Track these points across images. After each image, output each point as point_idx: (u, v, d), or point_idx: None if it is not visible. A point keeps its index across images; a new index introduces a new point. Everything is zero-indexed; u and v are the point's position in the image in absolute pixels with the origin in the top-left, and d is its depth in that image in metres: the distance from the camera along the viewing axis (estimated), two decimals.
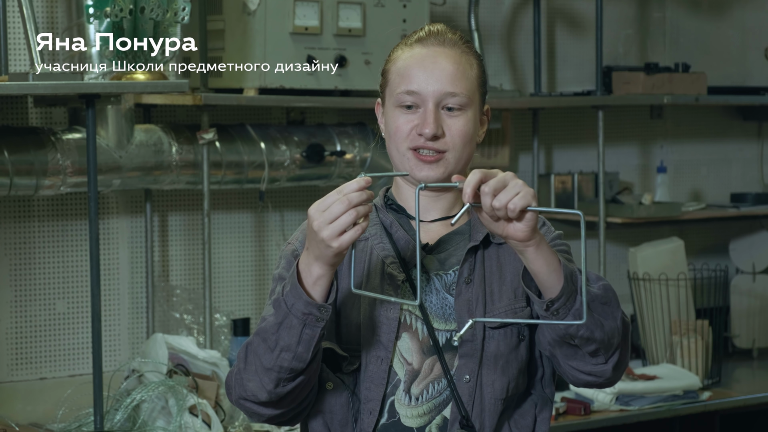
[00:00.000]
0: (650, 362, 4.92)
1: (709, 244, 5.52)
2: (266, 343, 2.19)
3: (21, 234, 4.14)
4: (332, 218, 2.10)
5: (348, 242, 2.10)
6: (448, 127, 2.30)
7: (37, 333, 4.17)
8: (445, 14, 4.74)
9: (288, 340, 2.17)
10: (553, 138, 5.19)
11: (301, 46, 4.15)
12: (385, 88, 2.37)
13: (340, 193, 2.11)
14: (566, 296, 2.16)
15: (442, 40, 2.33)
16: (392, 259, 2.31)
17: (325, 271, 2.15)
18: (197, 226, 4.40)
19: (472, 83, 2.32)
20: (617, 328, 2.22)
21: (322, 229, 2.10)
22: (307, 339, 2.17)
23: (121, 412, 3.79)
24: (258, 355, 2.21)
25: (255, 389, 2.23)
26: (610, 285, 2.24)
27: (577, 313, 2.16)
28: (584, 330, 2.19)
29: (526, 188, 2.10)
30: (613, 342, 2.23)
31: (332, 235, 2.10)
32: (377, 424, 2.28)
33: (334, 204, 2.10)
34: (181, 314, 4.30)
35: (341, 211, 2.10)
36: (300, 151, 4.32)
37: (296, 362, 2.19)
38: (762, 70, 5.62)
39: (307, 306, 2.15)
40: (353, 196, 2.10)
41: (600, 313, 2.20)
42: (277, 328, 2.18)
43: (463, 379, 2.27)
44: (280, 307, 2.18)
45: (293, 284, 2.16)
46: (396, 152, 2.32)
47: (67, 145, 3.91)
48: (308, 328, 2.17)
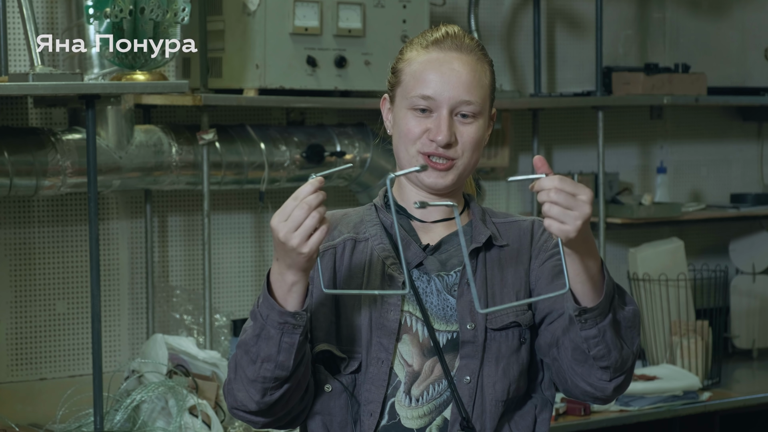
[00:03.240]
0: (650, 363, 4.92)
1: (709, 244, 5.52)
2: (248, 355, 2.20)
3: (21, 234, 4.14)
4: (296, 225, 2.10)
5: (317, 244, 2.11)
6: (461, 134, 2.30)
7: (37, 333, 4.17)
8: (445, 15, 4.74)
9: (268, 351, 2.18)
10: (553, 138, 5.19)
11: (301, 46, 4.15)
12: (396, 87, 2.35)
13: (297, 200, 2.11)
14: (600, 311, 2.15)
15: (459, 45, 2.32)
16: (393, 260, 2.30)
17: (299, 277, 2.15)
18: (197, 227, 4.40)
19: (485, 91, 2.32)
20: (632, 354, 2.23)
21: (289, 238, 2.10)
22: (287, 347, 2.18)
23: (121, 412, 3.79)
24: (242, 367, 2.22)
25: (244, 400, 2.24)
26: (638, 311, 2.25)
27: (601, 330, 2.17)
28: (602, 347, 2.19)
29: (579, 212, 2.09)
30: (625, 366, 2.23)
31: (300, 241, 2.10)
32: (378, 425, 2.28)
33: (295, 210, 2.10)
34: (181, 315, 4.30)
35: (303, 216, 2.10)
36: (300, 152, 4.33)
37: (279, 371, 2.19)
38: (762, 71, 5.62)
39: (282, 315, 2.16)
40: (311, 199, 2.10)
41: (623, 336, 2.21)
42: (256, 340, 2.19)
43: (463, 380, 2.27)
44: (257, 318, 2.19)
45: (265, 295, 2.18)
46: (404, 152, 2.32)
47: (67, 146, 3.91)
48: (287, 336, 2.17)
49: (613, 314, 2.18)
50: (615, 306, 2.17)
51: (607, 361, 2.21)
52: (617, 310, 2.19)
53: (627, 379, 2.27)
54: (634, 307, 2.23)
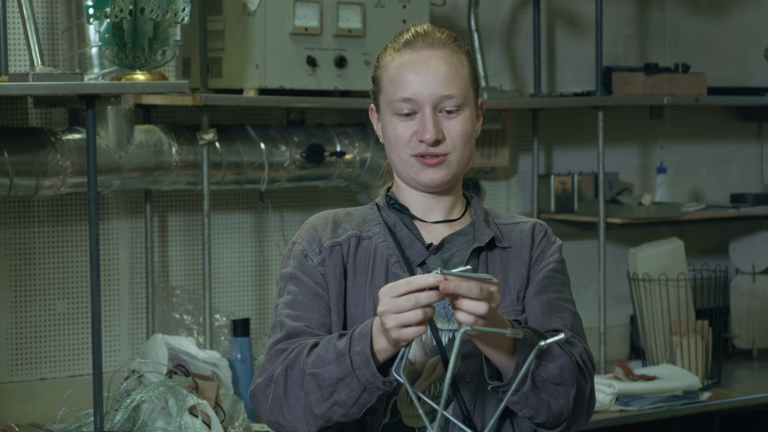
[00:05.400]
0: (650, 363, 4.92)
1: (709, 244, 5.52)
2: (321, 390, 2.16)
3: (21, 234, 4.13)
4: (398, 310, 2.05)
5: (409, 338, 2.06)
6: (448, 130, 2.30)
7: (37, 333, 4.17)
8: (444, 15, 4.74)
9: (344, 398, 2.15)
10: (553, 138, 5.19)
11: (301, 46, 4.15)
12: (378, 95, 2.36)
13: (411, 286, 2.04)
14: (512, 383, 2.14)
15: (431, 42, 2.32)
16: (396, 258, 2.31)
17: (389, 346, 2.12)
18: (197, 227, 4.40)
19: (465, 82, 2.32)
20: (567, 405, 2.22)
21: (386, 315, 2.06)
22: (364, 402, 2.16)
23: (121, 412, 3.79)
24: (308, 396, 2.17)
25: (296, 422, 2.20)
26: (569, 363, 2.21)
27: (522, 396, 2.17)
28: (528, 409, 2.19)
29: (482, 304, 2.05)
30: (560, 419, 2.23)
31: (396, 325, 2.05)
32: (380, 424, 2.28)
33: (403, 298, 2.04)
34: (181, 315, 4.30)
35: (407, 307, 2.04)
36: (300, 152, 4.32)
37: (345, 418, 2.18)
38: (762, 71, 5.62)
39: (374, 377, 2.12)
40: (423, 297, 2.04)
41: (550, 394, 2.20)
42: (335, 382, 2.15)
43: (465, 379, 2.27)
44: (344, 363, 2.14)
45: (363, 349, 2.13)
46: (398, 159, 2.33)
47: (67, 146, 3.91)
48: (367, 394, 2.15)
49: (532, 380, 2.16)
50: (532, 372, 2.16)
51: (537, 419, 2.22)
52: (537, 373, 2.17)
53: (574, 422, 2.26)
54: (561, 362, 2.19)
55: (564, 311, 2.32)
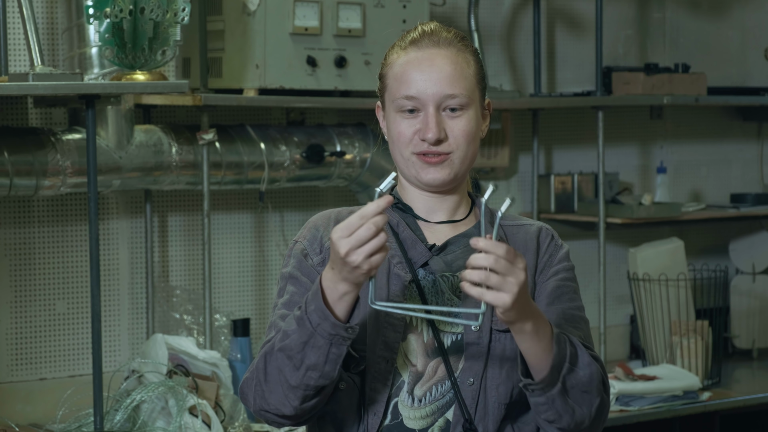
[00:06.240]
0: (650, 363, 4.92)
1: (709, 244, 5.52)
2: (291, 361, 2.18)
3: (21, 234, 4.13)
4: (360, 243, 2.08)
5: (379, 262, 2.10)
6: (451, 129, 2.30)
7: (37, 333, 4.17)
8: (444, 14, 4.74)
9: (315, 360, 2.17)
10: (553, 138, 5.19)
11: (301, 46, 4.15)
12: (384, 93, 2.36)
13: (363, 218, 2.09)
14: (545, 384, 2.16)
15: (437, 41, 2.32)
16: (399, 258, 2.30)
17: (352, 288, 2.14)
18: (197, 227, 4.40)
19: (470, 81, 2.32)
20: (589, 414, 2.23)
21: (351, 253, 2.09)
22: (334, 358, 2.17)
23: (121, 412, 3.79)
24: (283, 372, 2.19)
25: (278, 404, 2.22)
26: (598, 372, 2.23)
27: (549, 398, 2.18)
28: (552, 413, 2.20)
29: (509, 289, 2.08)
30: (581, 426, 2.24)
31: (363, 259, 2.08)
32: (380, 425, 2.28)
33: (361, 229, 2.08)
34: (181, 315, 4.30)
35: (368, 236, 2.08)
36: (300, 152, 4.32)
37: (323, 380, 2.18)
38: (762, 71, 5.62)
39: (334, 327, 2.15)
40: (378, 220, 2.09)
41: (576, 400, 2.21)
42: (302, 347, 2.17)
43: (467, 381, 2.27)
44: (304, 325, 2.16)
45: (318, 305, 2.15)
46: (400, 157, 2.33)
47: (67, 146, 3.91)
48: (335, 347, 2.16)
49: (562, 383, 2.18)
50: (565, 375, 2.17)
51: (558, 424, 2.22)
52: (568, 378, 2.18)
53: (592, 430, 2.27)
54: (591, 370, 2.21)
55: (579, 321, 2.33)
